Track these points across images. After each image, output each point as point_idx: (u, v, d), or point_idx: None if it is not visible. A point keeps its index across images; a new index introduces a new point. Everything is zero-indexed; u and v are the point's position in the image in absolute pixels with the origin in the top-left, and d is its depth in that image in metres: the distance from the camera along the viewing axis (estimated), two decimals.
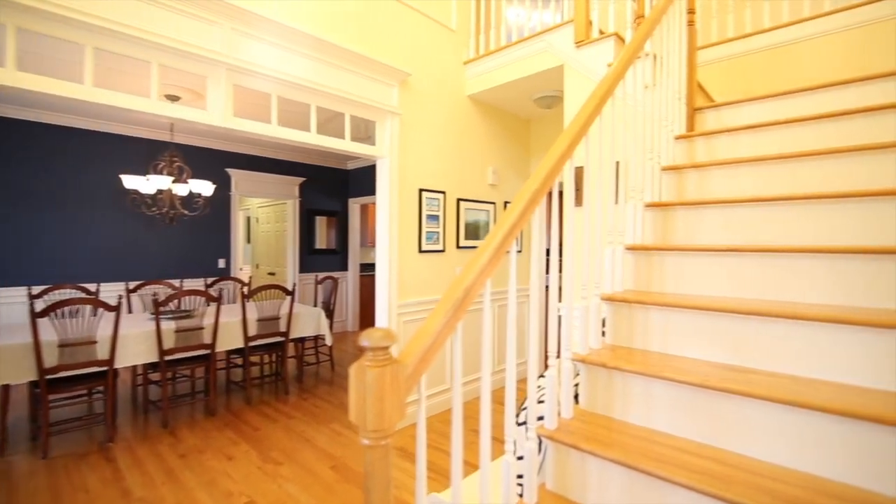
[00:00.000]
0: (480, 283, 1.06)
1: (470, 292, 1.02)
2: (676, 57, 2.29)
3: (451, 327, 0.99)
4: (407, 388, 0.88)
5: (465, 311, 1.03)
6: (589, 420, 1.45)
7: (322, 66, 2.77)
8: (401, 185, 3.29)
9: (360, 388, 0.83)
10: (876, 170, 1.63)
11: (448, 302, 0.98)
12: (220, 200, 5.64)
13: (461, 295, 1.00)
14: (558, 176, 1.33)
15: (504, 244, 1.12)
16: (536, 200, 1.23)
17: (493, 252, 1.09)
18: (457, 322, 1.01)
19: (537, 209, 1.26)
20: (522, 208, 1.18)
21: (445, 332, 0.98)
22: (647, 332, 1.60)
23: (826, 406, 1.08)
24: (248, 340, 3.84)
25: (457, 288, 1.00)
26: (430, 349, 0.94)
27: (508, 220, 1.15)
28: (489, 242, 1.10)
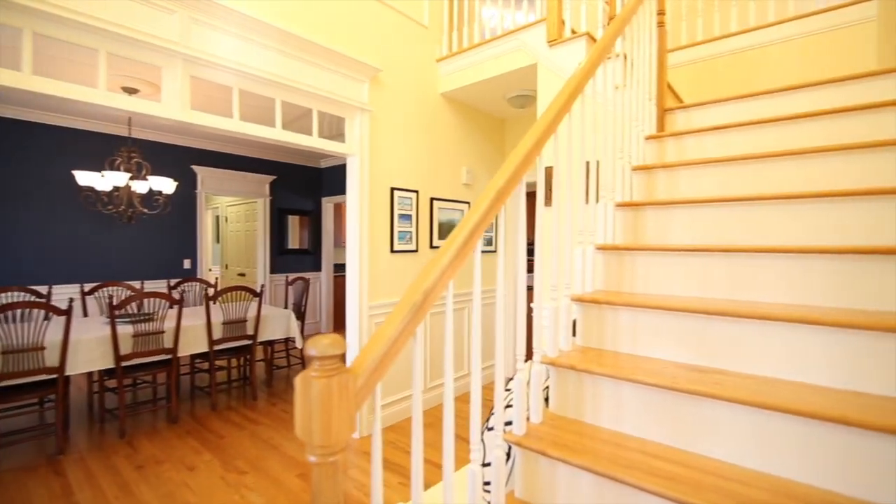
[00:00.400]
0: (442, 285, 1.01)
1: (430, 295, 0.96)
2: (647, 58, 2.29)
3: (409, 332, 0.93)
4: (359, 399, 0.81)
5: (426, 314, 0.97)
6: (559, 425, 1.41)
7: (287, 59, 2.67)
8: (372, 183, 3.21)
9: (305, 401, 0.77)
10: (840, 171, 1.65)
11: (406, 306, 0.92)
12: (185, 198, 5.43)
13: (420, 298, 0.94)
14: (526, 174, 1.29)
15: (468, 244, 1.07)
16: (502, 199, 1.18)
17: (456, 252, 1.03)
18: (416, 326, 0.95)
19: (504, 208, 1.22)
20: (487, 207, 1.13)
21: (403, 338, 0.92)
22: (617, 333, 1.57)
23: (789, 408, 1.07)
24: (213, 344, 3.69)
25: (415, 291, 0.95)
26: (385, 356, 0.87)
27: (472, 219, 1.09)
28: (451, 242, 1.04)
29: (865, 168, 1.60)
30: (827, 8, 2.98)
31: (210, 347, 3.67)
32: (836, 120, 1.83)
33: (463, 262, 1.06)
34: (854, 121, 1.80)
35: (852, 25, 2.89)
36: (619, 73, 2.17)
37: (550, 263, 1.49)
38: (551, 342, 1.50)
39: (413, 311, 0.92)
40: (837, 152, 1.65)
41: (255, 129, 2.58)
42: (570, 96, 1.51)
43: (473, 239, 1.09)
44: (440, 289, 1.00)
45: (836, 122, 1.83)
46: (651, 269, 1.70)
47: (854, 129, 1.79)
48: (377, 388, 0.90)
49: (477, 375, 1.16)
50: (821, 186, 1.69)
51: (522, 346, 1.36)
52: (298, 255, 6.78)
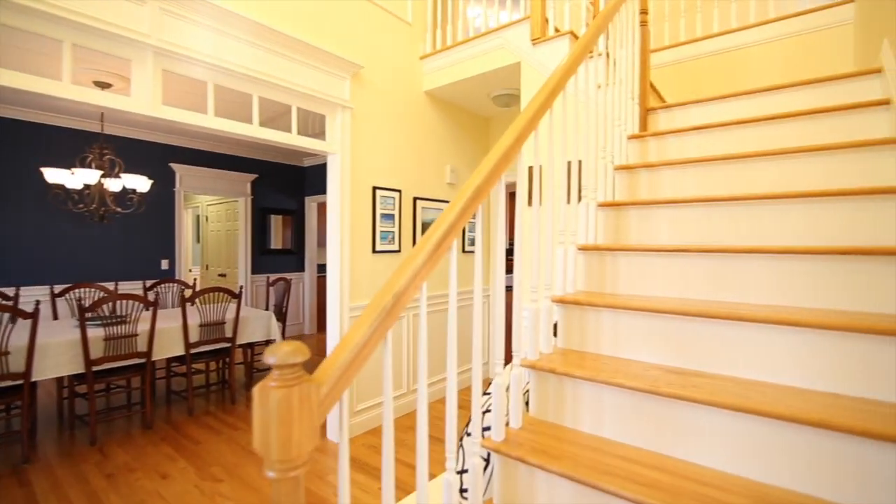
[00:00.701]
0: (415, 287, 0.96)
1: (402, 298, 0.92)
2: (630, 56, 2.27)
3: (379, 337, 0.88)
4: (322, 410, 0.76)
5: (397, 318, 0.92)
6: (539, 429, 1.38)
7: (265, 54, 2.60)
8: (353, 182, 3.14)
9: (263, 413, 0.71)
10: (820, 171, 1.65)
11: (375, 310, 0.88)
12: (163, 197, 5.28)
13: (390, 301, 0.89)
14: (505, 171, 1.25)
15: (443, 244, 1.02)
16: (480, 197, 1.14)
17: (430, 253, 0.99)
18: (386, 330, 0.90)
19: (481, 206, 1.18)
20: (464, 205, 1.09)
21: (372, 343, 0.87)
22: (598, 335, 1.55)
23: (768, 411, 1.05)
24: (190, 347, 3.58)
25: (385, 294, 0.90)
26: (352, 364, 0.83)
27: (448, 218, 1.05)
28: (425, 242, 1.00)
29: (845, 168, 1.60)
30: (805, 10, 3.01)
31: (186, 350, 3.57)
32: (817, 120, 1.83)
33: (438, 262, 1.02)
34: (833, 121, 1.80)
35: (830, 28, 2.92)
36: (601, 72, 2.15)
37: (531, 264, 1.45)
38: (531, 345, 1.46)
39: (382, 315, 0.88)
40: (818, 152, 1.65)
41: (231, 125, 2.50)
42: (552, 93, 1.47)
43: (449, 238, 1.05)
44: (412, 291, 0.96)
45: (816, 122, 1.83)
46: (633, 269, 1.68)
47: (833, 130, 1.79)
48: (345, 397, 0.85)
49: (453, 380, 1.12)
50: (801, 186, 1.69)
51: (503, 347, 1.33)
52: (281, 255, 6.67)
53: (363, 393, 3.24)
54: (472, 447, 1.23)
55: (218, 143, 5.78)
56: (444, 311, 3.88)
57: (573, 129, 1.68)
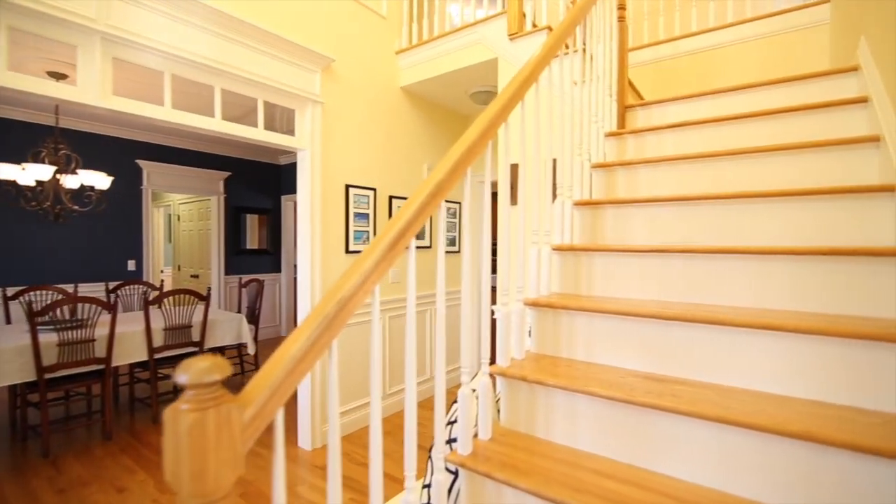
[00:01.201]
0: (365, 292, 0.86)
1: (348, 304, 0.82)
2: (607, 52, 2.21)
3: (321, 347, 0.78)
4: (247, 435, 0.66)
5: (342, 326, 0.83)
6: (509, 441, 1.29)
7: (228, 44, 2.46)
8: (325, 180, 3.02)
9: (173, 440, 0.61)
10: (801, 169, 1.60)
11: (316, 318, 0.78)
12: (129, 195, 5.06)
13: (333, 309, 0.79)
14: (470, 166, 1.16)
15: (397, 244, 0.93)
16: (442, 193, 1.05)
17: (382, 254, 0.90)
18: (330, 340, 0.80)
19: (443, 203, 1.09)
20: (422, 202, 0.99)
21: (313, 355, 0.77)
22: (573, 340, 1.47)
23: (749, 422, 0.98)
24: (154, 352, 3.41)
25: (329, 301, 0.80)
26: (286, 380, 0.73)
27: (404, 216, 0.96)
28: (378, 242, 0.90)
29: (824, 167, 1.56)
30: (782, 10, 3.00)
31: (150, 356, 3.39)
32: (796, 118, 1.79)
33: (392, 264, 0.93)
34: (812, 119, 1.76)
35: (806, 28, 2.92)
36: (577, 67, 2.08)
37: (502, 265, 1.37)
38: (502, 350, 1.38)
39: (324, 324, 0.78)
40: (798, 150, 1.60)
41: (190, 118, 2.36)
42: (524, 83, 1.39)
43: (406, 237, 0.95)
44: (362, 296, 0.86)
45: (795, 120, 1.79)
46: (610, 271, 1.61)
47: (812, 128, 1.75)
48: (279, 417, 0.75)
49: (412, 391, 1.03)
50: (780, 185, 1.64)
51: (471, 353, 1.24)
52: (256, 255, 6.48)
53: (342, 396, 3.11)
54: (437, 461, 1.14)
55: (188, 140, 5.57)
56: (422, 311, 3.78)
57: (547, 124, 1.60)
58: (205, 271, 6.31)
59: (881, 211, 1.34)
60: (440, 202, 1.06)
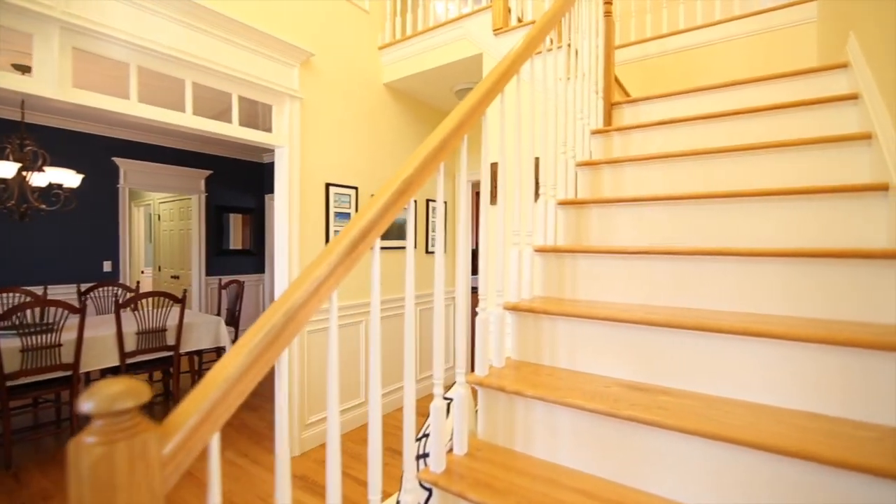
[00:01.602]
0: (319, 300, 0.78)
1: (298, 315, 0.73)
2: (593, 48, 2.15)
3: (265, 364, 0.70)
4: (169, 471, 0.57)
5: (291, 339, 0.74)
6: (486, 456, 1.21)
7: (200, 35, 2.35)
8: (304, 178, 2.92)
9: (76, 479, 0.52)
10: (792, 168, 1.54)
11: (259, 332, 0.69)
12: (105, 194, 4.89)
13: (280, 321, 0.70)
14: (442, 161, 1.08)
15: (359, 246, 0.84)
16: (409, 191, 0.97)
17: (340, 258, 0.81)
18: (277, 355, 0.72)
19: (413, 202, 1.00)
20: (387, 201, 0.91)
21: (255, 373, 0.68)
22: (555, 346, 1.40)
23: (740, 439, 0.91)
24: (126, 357, 3.28)
25: (274, 312, 0.71)
26: (221, 402, 0.64)
27: (366, 216, 0.87)
28: (335, 246, 0.82)
29: (815, 165, 1.51)
30: (770, 8, 2.96)
31: (121, 361, 3.26)
32: (785, 115, 1.74)
33: (351, 268, 0.84)
34: (801, 116, 1.71)
35: (794, 26, 2.89)
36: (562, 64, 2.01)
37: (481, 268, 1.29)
38: (480, 358, 1.30)
39: (269, 338, 0.69)
40: (788, 148, 1.54)
41: (159, 113, 2.25)
42: (504, 74, 1.32)
43: (368, 239, 0.87)
44: (315, 303, 0.77)
45: (784, 117, 1.74)
46: (594, 273, 1.54)
47: (801, 125, 1.70)
48: (213, 442, 0.66)
49: (376, 408, 0.94)
50: (770, 184, 1.58)
51: (443, 363, 1.15)
52: (239, 255, 6.33)
53: (317, 404, 3.02)
54: (406, 481, 1.05)
55: (168, 138, 5.41)
56: (398, 315, 3.69)
57: (529, 119, 1.53)
58: (185, 272, 6.15)
59: (874, 210, 1.29)
60: (409, 200, 0.98)
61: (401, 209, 0.95)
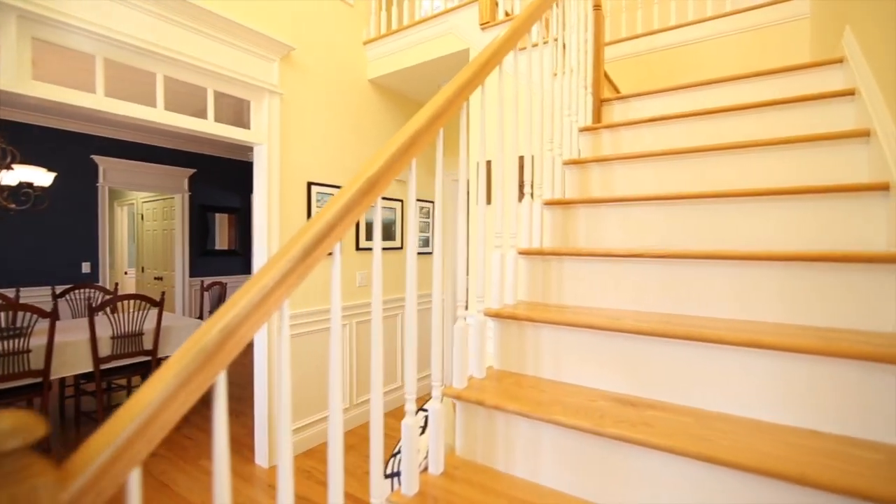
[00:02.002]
0: (266, 312, 0.69)
1: (238, 331, 0.65)
2: (582, 43, 2.07)
3: (196, 389, 0.61)
4: None
5: (230, 358, 0.65)
6: (464, 476, 1.13)
7: (172, 27, 2.25)
8: (284, 177, 2.82)
9: None
10: (788, 166, 1.48)
11: (188, 352, 0.60)
12: (83, 193, 4.75)
13: (215, 339, 0.62)
14: (414, 157, 1.00)
15: (315, 251, 0.76)
16: (374, 190, 0.88)
17: (292, 266, 0.72)
18: (210, 378, 0.63)
19: (380, 200, 0.92)
20: (348, 202, 0.82)
21: (183, 399, 0.59)
22: (539, 356, 1.32)
23: (733, 461, 0.83)
24: (100, 362, 3.15)
25: (209, 328, 0.62)
26: (141, 435, 0.55)
27: (324, 218, 0.78)
28: (286, 252, 0.73)
29: (812, 163, 1.44)
30: (761, 4, 2.91)
31: (96, 366, 3.14)
32: (780, 111, 1.67)
33: (306, 275, 0.75)
34: (796, 113, 1.64)
35: (786, 23, 2.84)
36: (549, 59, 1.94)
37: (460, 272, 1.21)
38: (458, 369, 1.21)
39: (202, 360, 0.60)
40: (785, 145, 1.48)
41: (126, 108, 2.14)
42: (485, 65, 1.23)
43: (325, 244, 0.78)
44: (261, 316, 0.68)
45: (779, 113, 1.67)
46: (582, 277, 1.46)
47: (796, 122, 1.64)
48: (131, 477, 0.56)
49: (337, 418, 0.85)
50: (765, 183, 1.51)
51: (415, 376, 1.07)
52: (225, 256, 6.20)
53: (302, 408, 2.92)
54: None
55: (150, 135, 5.27)
56: (393, 316, 3.60)
57: (513, 115, 1.45)
58: (169, 273, 6.01)
59: (873, 210, 1.22)
60: (374, 200, 0.89)
61: (366, 209, 0.87)
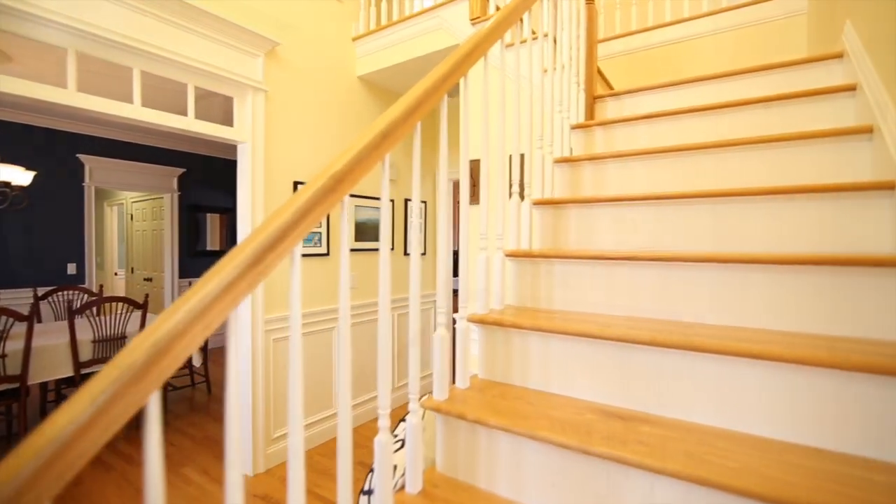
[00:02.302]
0: (207, 325, 0.61)
1: (172, 348, 0.57)
2: (574, 38, 2.00)
3: (123, 413, 0.53)
4: None
5: (163, 378, 0.57)
6: (444, 496, 1.05)
7: (150, 20, 2.16)
8: (269, 176, 2.74)
9: None
10: (786, 164, 1.41)
11: (110, 374, 0.52)
12: (69, 192, 4.65)
13: (143, 359, 0.54)
14: (387, 153, 0.92)
15: (264, 260, 0.68)
16: (340, 188, 0.80)
17: (239, 272, 0.64)
18: (142, 400, 0.55)
19: (347, 198, 0.84)
20: (306, 202, 0.74)
21: (103, 428, 0.51)
22: (526, 365, 1.24)
23: (736, 487, 0.76)
24: (81, 367, 3.07)
25: (138, 345, 0.54)
26: (43, 471, 0.47)
27: (277, 221, 0.71)
28: (233, 258, 0.65)
29: (814, 161, 1.37)
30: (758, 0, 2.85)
31: (76, 371, 3.05)
32: (778, 108, 1.60)
33: (257, 283, 0.68)
34: (795, 109, 1.58)
35: (784, 18, 2.77)
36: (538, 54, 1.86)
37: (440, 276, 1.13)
38: (438, 380, 1.14)
39: (126, 381, 0.52)
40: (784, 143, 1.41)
41: (101, 103, 2.05)
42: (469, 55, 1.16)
43: (280, 248, 0.70)
44: (203, 329, 0.61)
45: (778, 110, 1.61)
46: (572, 281, 1.39)
47: (795, 118, 1.57)
48: None
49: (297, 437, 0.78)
50: (765, 182, 1.44)
51: (389, 389, 0.99)
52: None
53: (285, 416, 2.84)
54: None
55: (137, 134, 5.16)
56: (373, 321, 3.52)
57: (499, 110, 1.37)
58: (158, 274, 5.91)
59: (878, 211, 1.15)
60: (340, 199, 0.81)
61: (329, 209, 0.79)
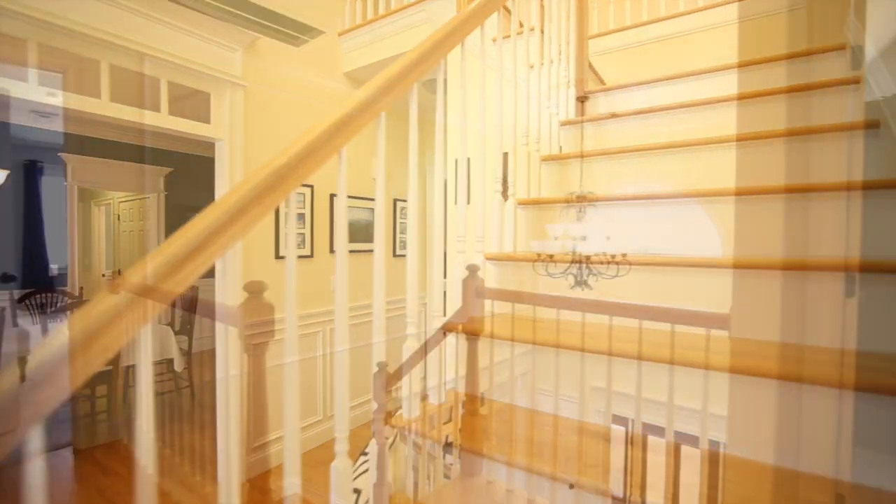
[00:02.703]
0: (102, 349, 0.51)
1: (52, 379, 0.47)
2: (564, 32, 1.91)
3: None
4: None
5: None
6: None
7: (120, 11, 2.06)
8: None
9: None
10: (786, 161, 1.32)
11: None
12: (51, 192, 4.53)
13: None
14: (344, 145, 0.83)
15: (184, 268, 0.58)
16: (284, 185, 0.70)
17: (153, 282, 0.54)
18: None
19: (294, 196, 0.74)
20: (240, 200, 0.64)
21: None
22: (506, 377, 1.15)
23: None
24: None
25: None
26: None
27: (202, 224, 0.61)
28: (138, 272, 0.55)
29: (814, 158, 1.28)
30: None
31: None
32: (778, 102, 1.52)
33: (177, 291, 0.58)
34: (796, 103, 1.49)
35: (781, 13, 2.69)
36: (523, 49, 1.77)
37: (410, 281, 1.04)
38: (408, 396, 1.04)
39: None
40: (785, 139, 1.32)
41: (64, 98, 1.95)
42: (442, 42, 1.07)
43: (202, 257, 0.60)
44: (98, 355, 0.50)
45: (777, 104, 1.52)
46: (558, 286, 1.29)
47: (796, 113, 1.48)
48: None
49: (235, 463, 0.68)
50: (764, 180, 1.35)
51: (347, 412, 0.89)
52: None
53: (265, 425, 2.73)
54: None
55: (122, 132, 5.04)
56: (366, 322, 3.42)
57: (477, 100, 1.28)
58: None
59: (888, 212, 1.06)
60: (285, 196, 0.72)
61: (272, 208, 0.69)
